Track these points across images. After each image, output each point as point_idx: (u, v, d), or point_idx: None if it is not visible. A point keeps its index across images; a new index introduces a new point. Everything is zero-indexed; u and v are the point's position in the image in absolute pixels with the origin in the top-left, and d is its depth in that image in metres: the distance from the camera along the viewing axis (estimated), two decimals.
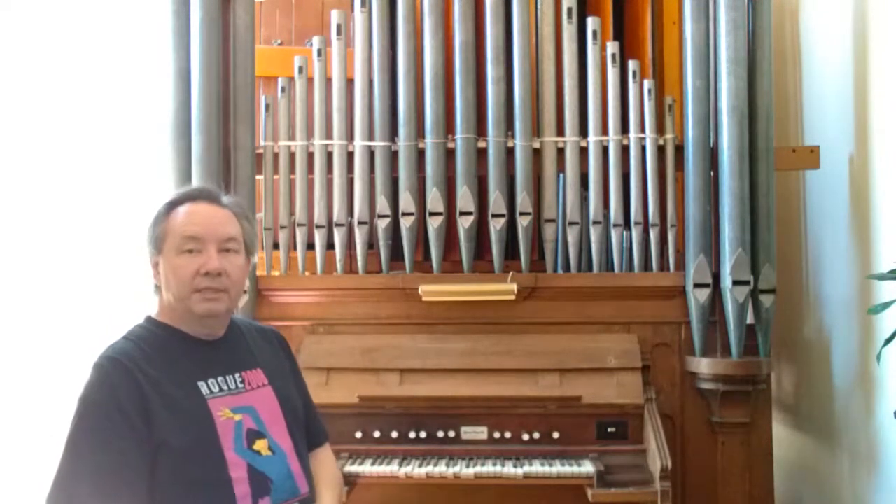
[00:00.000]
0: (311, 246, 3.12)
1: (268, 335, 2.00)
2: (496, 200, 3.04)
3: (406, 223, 3.06)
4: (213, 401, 1.69)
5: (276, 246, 3.13)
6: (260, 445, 1.72)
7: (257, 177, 3.14)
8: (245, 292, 2.93)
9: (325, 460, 2.01)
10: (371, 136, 3.13)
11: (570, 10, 3.11)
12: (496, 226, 3.04)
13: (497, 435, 2.84)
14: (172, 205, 1.76)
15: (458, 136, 3.07)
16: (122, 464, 1.55)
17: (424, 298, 2.98)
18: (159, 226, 1.74)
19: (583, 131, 3.10)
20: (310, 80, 3.13)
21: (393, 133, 3.13)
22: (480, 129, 3.10)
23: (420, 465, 2.71)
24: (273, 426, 1.78)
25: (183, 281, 1.70)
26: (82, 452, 1.56)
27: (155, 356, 1.68)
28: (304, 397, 2.00)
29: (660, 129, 3.09)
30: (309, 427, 1.96)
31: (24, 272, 3.41)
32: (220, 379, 1.74)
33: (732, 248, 2.90)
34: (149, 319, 1.78)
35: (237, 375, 1.78)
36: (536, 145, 3.11)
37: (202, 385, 1.70)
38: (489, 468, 2.69)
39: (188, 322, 1.75)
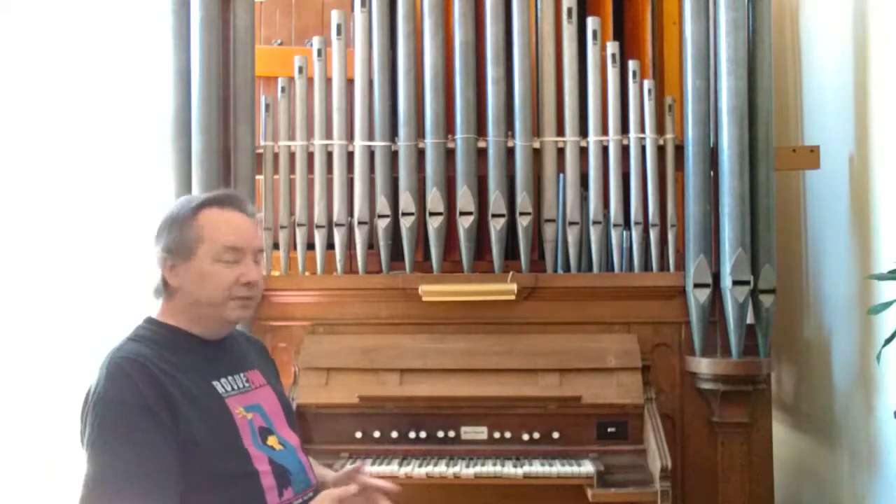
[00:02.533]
0: (311, 246, 3.12)
1: (251, 339, 2.03)
2: (496, 200, 3.04)
3: (406, 223, 3.06)
4: (228, 399, 1.72)
5: (276, 246, 3.14)
6: (272, 441, 1.76)
7: (257, 177, 3.14)
8: None
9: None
10: (371, 136, 3.13)
11: (570, 10, 3.11)
12: (496, 226, 3.04)
13: (497, 435, 2.84)
14: (199, 208, 1.74)
15: (458, 136, 3.07)
16: (153, 458, 1.55)
17: (424, 298, 2.98)
18: (188, 230, 1.71)
19: (583, 131, 3.10)
20: (310, 80, 3.13)
21: (393, 133, 3.13)
22: (480, 129, 3.10)
23: (420, 465, 2.71)
24: (278, 423, 1.82)
25: (220, 289, 1.71)
26: (111, 451, 1.55)
27: (168, 356, 1.68)
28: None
29: (660, 129, 3.09)
30: None
31: (23, 272, 3.41)
32: (230, 378, 1.76)
33: (732, 248, 2.90)
34: (151, 321, 1.77)
35: (242, 375, 1.81)
36: (536, 145, 3.11)
37: (217, 384, 1.72)
38: (489, 468, 2.69)
39: (203, 324, 1.76)
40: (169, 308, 1.77)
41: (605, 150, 3.08)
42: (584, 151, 3.10)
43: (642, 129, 3.07)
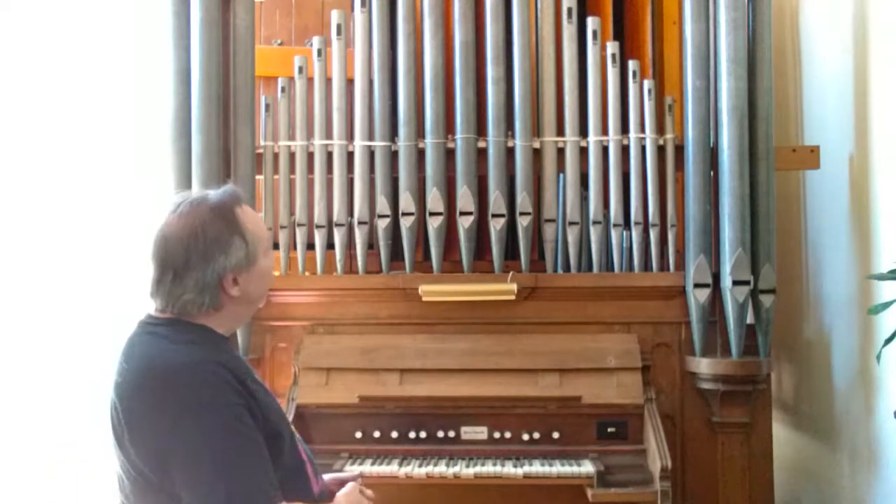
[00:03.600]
0: (310, 246, 3.12)
1: None
2: (496, 200, 3.04)
3: (406, 223, 3.06)
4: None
5: (275, 246, 3.13)
6: (293, 429, 1.78)
7: (257, 177, 3.14)
8: None
9: None
10: (371, 136, 3.13)
11: (570, 10, 3.11)
12: (496, 226, 3.04)
13: (497, 435, 2.84)
14: (235, 211, 1.67)
15: (458, 136, 3.07)
16: (266, 459, 1.54)
17: (424, 298, 2.98)
18: (246, 238, 1.65)
19: (583, 131, 3.10)
20: (310, 80, 3.13)
21: (393, 133, 3.13)
22: (480, 129, 3.10)
23: (420, 465, 2.71)
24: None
25: (271, 279, 1.76)
26: (219, 452, 1.50)
27: (222, 357, 1.62)
28: None
29: (660, 129, 3.09)
30: None
31: (23, 273, 3.40)
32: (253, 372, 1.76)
33: (732, 248, 2.90)
34: (181, 323, 1.65)
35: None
36: (536, 145, 3.11)
37: (257, 378, 1.73)
38: (489, 468, 2.69)
39: (236, 324, 1.76)
40: (207, 313, 1.67)
41: (605, 150, 3.08)
42: (584, 151, 3.10)
43: (642, 129, 3.07)
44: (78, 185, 3.53)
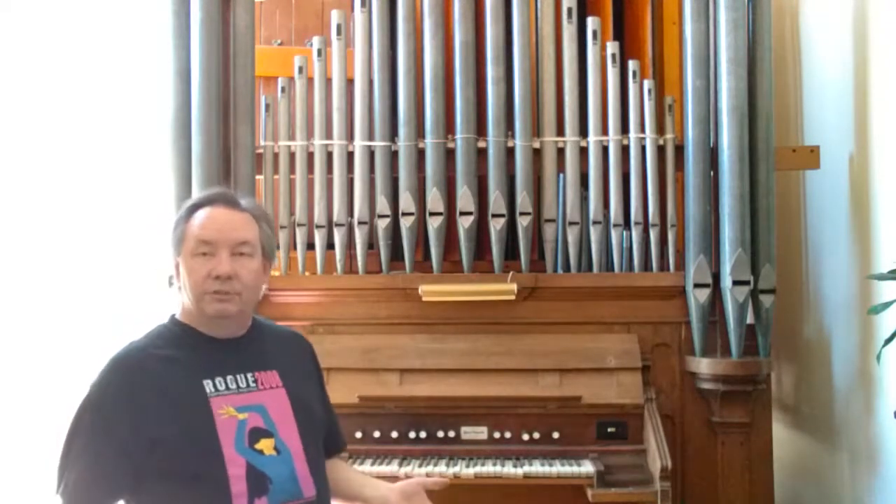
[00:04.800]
0: (311, 246, 3.12)
1: (292, 339, 2.00)
2: (496, 200, 3.04)
3: (406, 223, 3.06)
4: (215, 399, 1.71)
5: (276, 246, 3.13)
6: (264, 444, 1.73)
7: (257, 177, 3.14)
8: None
9: (345, 465, 2.08)
10: (371, 136, 3.13)
11: (570, 10, 3.11)
12: (496, 226, 3.04)
13: (497, 435, 2.84)
14: (193, 208, 1.80)
15: (458, 136, 3.07)
16: (93, 462, 1.64)
17: (424, 298, 2.98)
18: (179, 229, 1.79)
19: (583, 131, 3.10)
20: (310, 80, 3.13)
21: (393, 133, 3.13)
22: (480, 129, 3.10)
23: (420, 465, 2.71)
24: (283, 427, 1.78)
25: (196, 283, 1.74)
26: (69, 446, 1.67)
27: (165, 353, 1.72)
28: (326, 404, 2.00)
29: (660, 129, 3.09)
30: (330, 434, 1.97)
31: (24, 273, 3.41)
32: (228, 378, 1.75)
33: (732, 248, 2.90)
34: (171, 318, 1.82)
35: (249, 375, 1.78)
36: (536, 145, 3.11)
37: (207, 383, 1.72)
38: (489, 468, 2.69)
39: (204, 322, 1.78)
40: (182, 305, 1.81)
41: (605, 150, 3.08)
42: (584, 151, 3.10)
43: (642, 129, 3.07)
44: (77, 186, 3.53)
